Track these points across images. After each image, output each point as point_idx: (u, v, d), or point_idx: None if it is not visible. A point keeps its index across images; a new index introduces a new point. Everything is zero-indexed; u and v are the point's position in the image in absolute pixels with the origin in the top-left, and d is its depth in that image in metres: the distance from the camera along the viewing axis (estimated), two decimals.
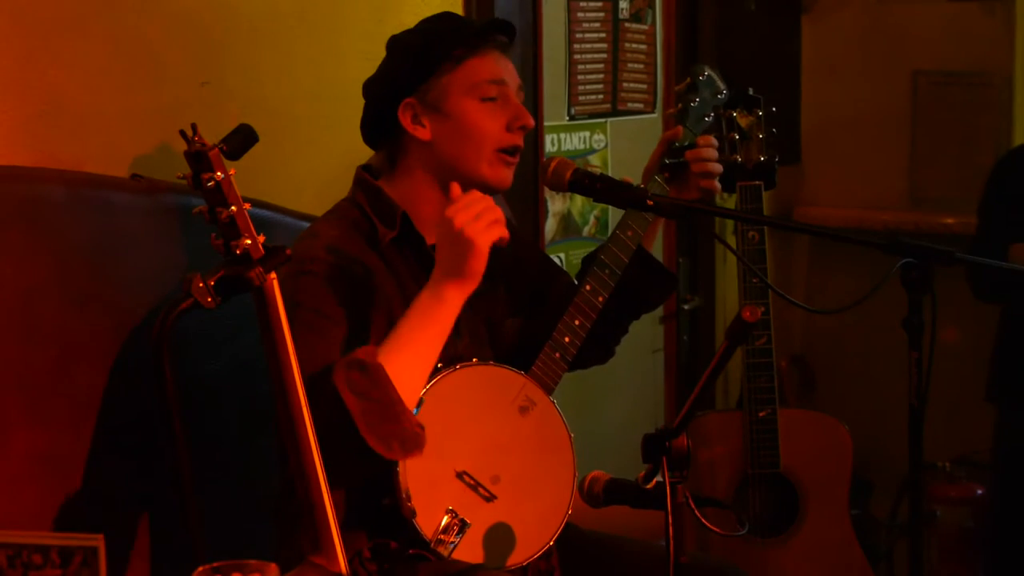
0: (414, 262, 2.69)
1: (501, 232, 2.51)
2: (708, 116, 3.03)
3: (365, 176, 2.73)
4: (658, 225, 2.92)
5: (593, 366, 2.97)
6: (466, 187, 2.68)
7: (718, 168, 2.87)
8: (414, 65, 2.68)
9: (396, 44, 2.77)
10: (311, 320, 2.49)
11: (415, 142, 2.69)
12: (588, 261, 2.95)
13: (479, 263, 2.50)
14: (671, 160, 2.87)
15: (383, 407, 2.42)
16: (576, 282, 2.99)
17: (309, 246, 2.58)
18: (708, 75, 3.05)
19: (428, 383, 2.61)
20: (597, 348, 2.87)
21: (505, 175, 2.71)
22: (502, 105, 2.69)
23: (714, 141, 2.90)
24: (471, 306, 2.75)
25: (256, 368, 2.52)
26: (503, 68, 2.71)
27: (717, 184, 2.88)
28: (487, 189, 2.70)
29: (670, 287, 3.00)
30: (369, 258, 2.64)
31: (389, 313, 2.61)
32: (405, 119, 2.68)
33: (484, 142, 2.68)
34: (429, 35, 2.72)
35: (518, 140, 2.71)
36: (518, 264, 2.91)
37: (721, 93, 3.09)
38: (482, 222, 2.49)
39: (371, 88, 2.75)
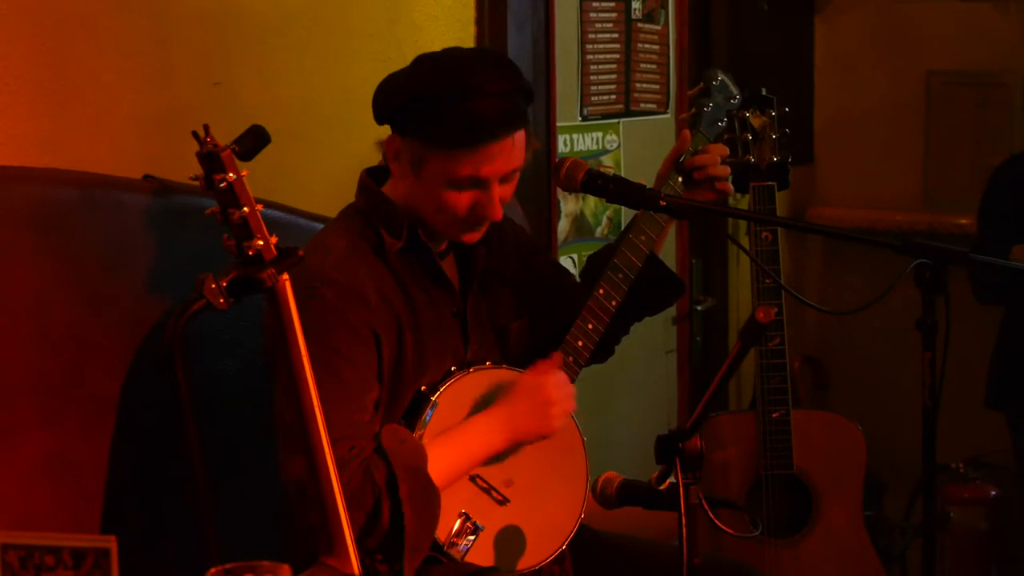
0: (420, 271, 2.67)
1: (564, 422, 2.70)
2: (721, 121, 3.03)
3: (369, 183, 2.70)
4: (668, 230, 2.91)
5: (591, 365, 2.96)
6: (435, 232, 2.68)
7: (724, 171, 2.86)
8: (410, 121, 2.58)
9: (411, 76, 2.62)
10: (328, 359, 2.47)
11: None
12: (594, 261, 2.94)
13: (542, 436, 2.67)
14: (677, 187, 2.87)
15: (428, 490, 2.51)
16: (580, 281, 2.99)
17: (318, 263, 2.56)
18: (721, 80, 3.05)
19: (442, 385, 2.61)
20: (597, 349, 2.86)
21: (472, 236, 2.66)
22: (479, 191, 2.59)
23: (724, 149, 2.90)
24: (479, 312, 2.75)
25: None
26: (491, 164, 2.56)
27: (730, 185, 2.89)
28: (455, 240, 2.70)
29: (678, 291, 2.99)
30: (377, 269, 2.62)
31: (398, 326, 2.61)
32: (389, 150, 2.63)
33: (448, 215, 2.61)
34: (437, 101, 2.54)
35: (482, 222, 2.63)
36: (527, 269, 2.90)
37: (734, 98, 3.09)
38: (565, 411, 2.68)
39: (377, 95, 2.66)
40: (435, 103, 2.55)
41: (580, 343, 2.75)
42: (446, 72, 2.57)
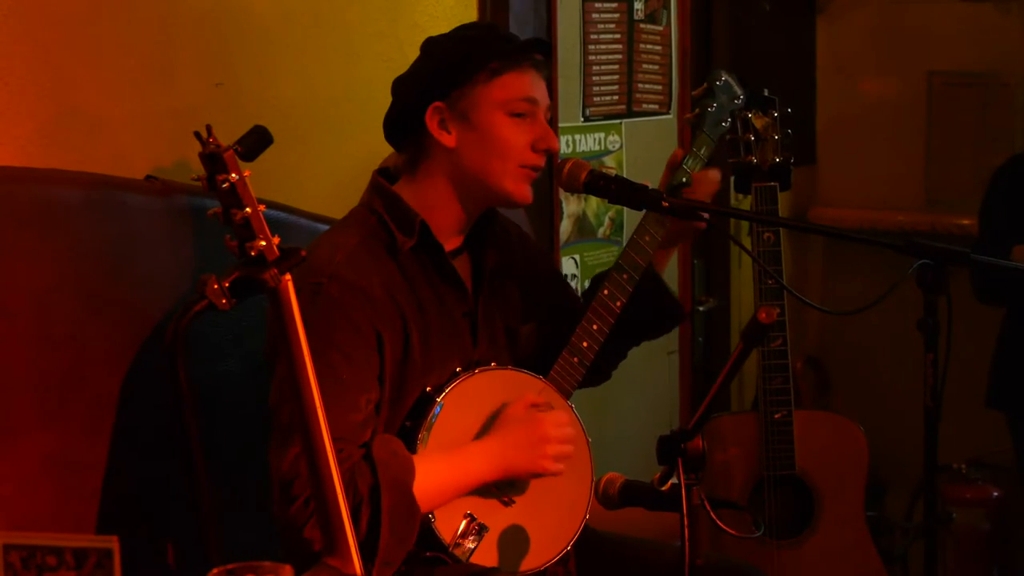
0: (432, 270, 2.67)
1: (558, 469, 2.65)
2: (725, 121, 3.04)
3: (382, 182, 2.71)
4: (671, 252, 2.92)
5: (587, 387, 2.95)
6: (488, 199, 2.69)
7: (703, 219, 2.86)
8: (449, 71, 2.65)
9: (433, 47, 2.73)
10: (328, 356, 2.47)
11: (439, 147, 2.66)
12: (598, 281, 2.94)
13: (533, 474, 2.65)
14: (687, 179, 2.87)
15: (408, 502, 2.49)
16: (583, 300, 2.99)
17: (326, 258, 2.56)
18: (725, 80, 3.05)
19: (447, 387, 2.61)
20: (593, 371, 2.85)
21: (527, 191, 2.70)
22: (530, 123, 2.67)
23: (715, 184, 2.92)
24: (489, 313, 2.75)
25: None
26: (536, 87, 2.69)
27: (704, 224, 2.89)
28: (509, 203, 2.70)
29: (678, 317, 3.01)
30: (386, 267, 2.62)
31: (404, 325, 2.60)
32: (432, 123, 2.65)
33: (509, 156, 2.66)
34: (469, 43, 2.69)
35: (541, 161, 2.70)
36: (532, 273, 2.90)
37: (738, 98, 3.09)
38: (560, 451, 2.65)
39: (401, 87, 2.72)
40: (468, 48, 2.67)
41: (585, 344, 2.75)
42: (470, 30, 2.78)
